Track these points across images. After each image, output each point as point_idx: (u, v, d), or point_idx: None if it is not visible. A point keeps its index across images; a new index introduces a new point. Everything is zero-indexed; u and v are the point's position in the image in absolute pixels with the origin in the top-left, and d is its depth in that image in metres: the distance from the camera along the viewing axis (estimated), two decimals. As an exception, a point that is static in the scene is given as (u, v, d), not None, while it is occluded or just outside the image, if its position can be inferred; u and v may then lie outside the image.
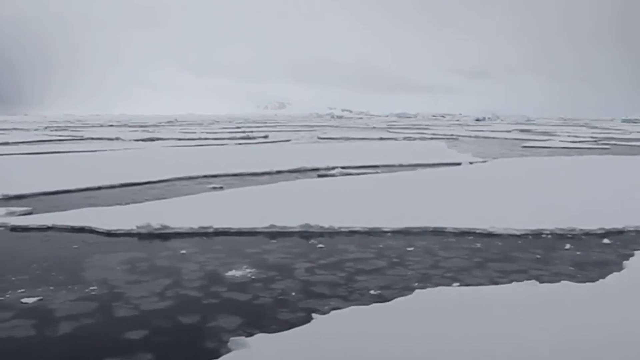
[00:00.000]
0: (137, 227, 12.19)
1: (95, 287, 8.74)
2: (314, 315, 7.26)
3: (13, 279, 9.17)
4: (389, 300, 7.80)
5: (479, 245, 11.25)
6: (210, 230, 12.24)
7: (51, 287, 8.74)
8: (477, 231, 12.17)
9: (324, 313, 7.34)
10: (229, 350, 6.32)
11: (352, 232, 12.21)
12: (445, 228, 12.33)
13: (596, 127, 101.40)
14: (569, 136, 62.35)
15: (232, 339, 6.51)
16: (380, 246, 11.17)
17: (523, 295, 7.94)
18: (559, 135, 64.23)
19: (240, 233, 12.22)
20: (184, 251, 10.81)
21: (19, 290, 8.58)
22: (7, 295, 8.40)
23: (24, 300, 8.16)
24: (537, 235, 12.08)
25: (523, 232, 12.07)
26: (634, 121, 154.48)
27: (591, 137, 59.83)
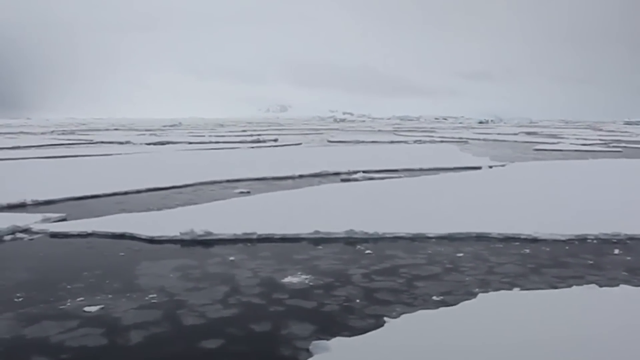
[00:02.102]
0: (181, 233, 12.15)
1: (154, 295, 8.69)
2: (385, 319, 7.26)
3: (68, 287, 9.13)
4: (454, 305, 7.78)
5: (527, 250, 11.21)
6: (254, 236, 12.19)
7: (110, 295, 8.70)
8: (522, 236, 12.12)
9: (394, 318, 7.34)
10: (310, 355, 6.33)
11: (396, 238, 12.16)
12: (490, 233, 12.28)
13: (600, 129, 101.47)
14: (577, 138, 62.30)
15: (313, 342, 6.51)
16: (429, 252, 11.13)
17: (587, 298, 7.95)
18: (567, 138, 64.21)
19: (284, 239, 12.18)
20: (232, 258, 10.77)
21: (79, 299, 8.53)
22: (68, 304, 8.35)
23: (87, 309, 8.09)
24: (582, 240, 12.04)
25: (568, 237, 12.02)
26: (636, 123, 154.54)
27: (599, 140, 59.83)
